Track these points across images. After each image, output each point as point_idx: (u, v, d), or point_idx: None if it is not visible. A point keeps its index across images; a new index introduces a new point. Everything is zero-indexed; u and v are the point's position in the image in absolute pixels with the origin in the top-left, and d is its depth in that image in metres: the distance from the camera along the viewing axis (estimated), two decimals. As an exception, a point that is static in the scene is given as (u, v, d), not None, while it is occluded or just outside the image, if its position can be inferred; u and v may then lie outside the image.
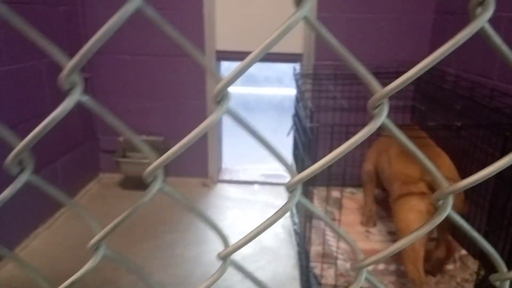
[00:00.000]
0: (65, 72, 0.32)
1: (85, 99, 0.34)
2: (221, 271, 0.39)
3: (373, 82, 0.29)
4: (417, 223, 1.35)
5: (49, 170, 2.10)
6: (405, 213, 1.39)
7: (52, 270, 1.70)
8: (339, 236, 1.85)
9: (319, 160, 0.33)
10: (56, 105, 0.32)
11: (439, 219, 0.32)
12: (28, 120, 1.89)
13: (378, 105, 0.29)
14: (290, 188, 0.34)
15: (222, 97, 0.32)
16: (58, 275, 1.68)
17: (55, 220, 2.10)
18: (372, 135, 0.30)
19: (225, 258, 0.39)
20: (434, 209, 1.17)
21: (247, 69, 0.30)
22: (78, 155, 2.38)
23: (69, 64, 0.32)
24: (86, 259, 0.36)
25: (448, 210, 0.32)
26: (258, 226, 0.37)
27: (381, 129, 0.30)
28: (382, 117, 0.29)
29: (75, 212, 2.24)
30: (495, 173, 0.29)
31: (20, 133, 1.84)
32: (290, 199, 0.34)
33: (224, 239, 0.40)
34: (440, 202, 0.33)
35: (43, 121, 0.34)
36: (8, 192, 0.37)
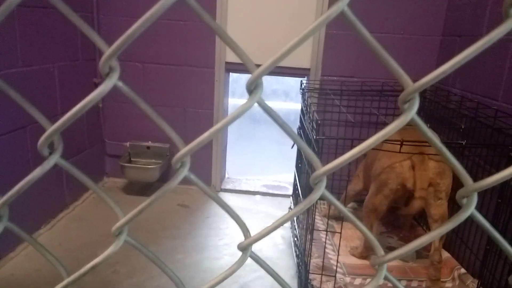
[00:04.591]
0: (105, 56, 0.33)
1: (121, 84, 0.35)
2: (241, 261, 0.39)
3: (405, 77, 0.30)
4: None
5: (55, 171, 2.10)
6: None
7: (51, 272, 1.69)
8: (364, 234, 1.84)
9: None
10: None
11: (464, 215, 0.33)
12: (38, 122, 1.90)
13: (409, 100, 0.30)
14: (315, 180, 0.35)
15: (255, 86, 0.33)
16: (56, 277, 1.66)
17: (57, 222, 2.09)
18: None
19: (245, 249, 0.39)
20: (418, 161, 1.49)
21: (283, 58, 0.31)
22: (84, 158, 2.39)
23: (109, 50, 0.33)
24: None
25: (473, 207, 0.33)
26: (279, 219, 0.37)
27: (410, 123, 0.31)
28: (412, 112, 0.30)
29: (98, 197, 2.23)
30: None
31: (30, 134, 1.85)
32: (315, 191, 0.35)
33: (245, 230, 0.40)
34: (465, 200, 0.33)
35: (78, 104, 0.35)
36: (37, 172, 0.38)
